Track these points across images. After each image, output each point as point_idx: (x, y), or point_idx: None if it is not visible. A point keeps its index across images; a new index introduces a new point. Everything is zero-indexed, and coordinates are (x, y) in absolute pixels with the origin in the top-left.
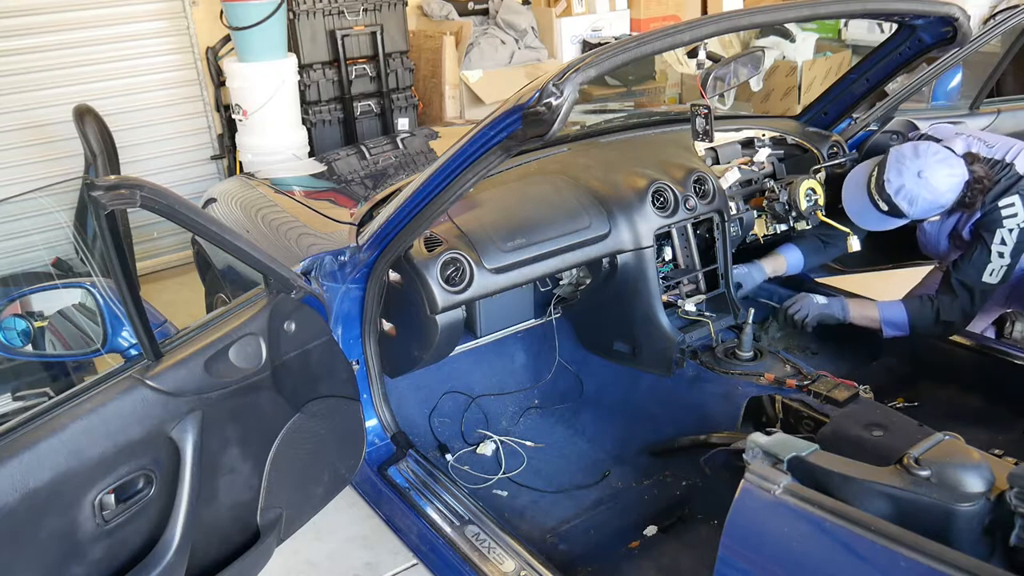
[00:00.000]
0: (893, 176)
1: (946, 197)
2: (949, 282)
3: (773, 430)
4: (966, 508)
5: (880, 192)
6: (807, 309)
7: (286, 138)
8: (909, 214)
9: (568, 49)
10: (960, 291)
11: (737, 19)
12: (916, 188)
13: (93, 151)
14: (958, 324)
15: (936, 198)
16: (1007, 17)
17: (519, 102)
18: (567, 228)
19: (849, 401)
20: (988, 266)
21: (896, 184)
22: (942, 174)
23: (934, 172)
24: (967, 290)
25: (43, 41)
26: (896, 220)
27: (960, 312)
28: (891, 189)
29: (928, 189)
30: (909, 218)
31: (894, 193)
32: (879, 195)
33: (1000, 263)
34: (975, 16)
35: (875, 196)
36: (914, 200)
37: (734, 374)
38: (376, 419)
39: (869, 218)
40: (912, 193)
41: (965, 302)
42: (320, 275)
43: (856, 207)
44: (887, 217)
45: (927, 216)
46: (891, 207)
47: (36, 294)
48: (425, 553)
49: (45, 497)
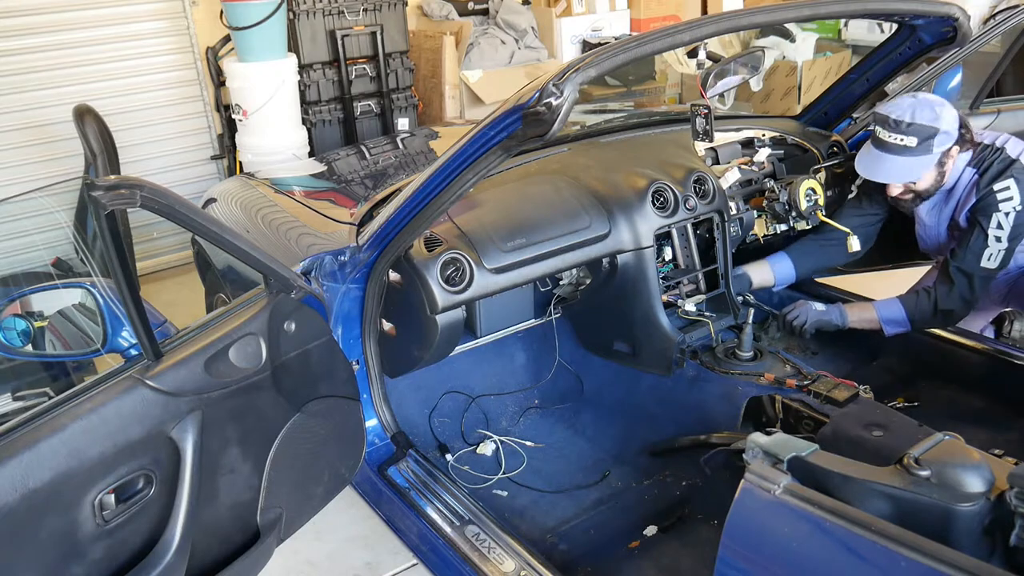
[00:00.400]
0: (898, 111)
1: (952, 108)
2: (947, 271)
3: (773, 430)
4: (966, 508)
5: (898, 128)
6: (805, 316)
7: (286, 138)
8: (941, 127)
9: (568, 49)
10: (958, 277)
11: (737, 19)
12: (924, 103)
13: (93, 151)
14: (958, 311)
15: (947, 106)
16: (1007, 17)
17: (519, 102)
18: (567, 228)
19: (849, 401)
20: (986, 251)
21: (908, 111)
22: (928, 94)
23: (921, 93)
24: (965, 276)
25: (43, 41)
26: (928, 156)
27: (959, 299)
28: (907, 117)
29: (935, 101)
30: (939, 137)
31: (912, 116)
32: (900, 134)
33: (998, 247)
34: (975, 16)
35: (897, 140)
36: (933, 111)
37: (734, 374)
38: (376, 419)
39: (905, 170)
40: (926, 107)
41: (964, 289)
42: (320, 275)
43: (890, 168)
44: (918, 156)
45: (953, 130)
46: (918, 133)
47: (36, 294)
48: (425, 553)
49: (45, 497)
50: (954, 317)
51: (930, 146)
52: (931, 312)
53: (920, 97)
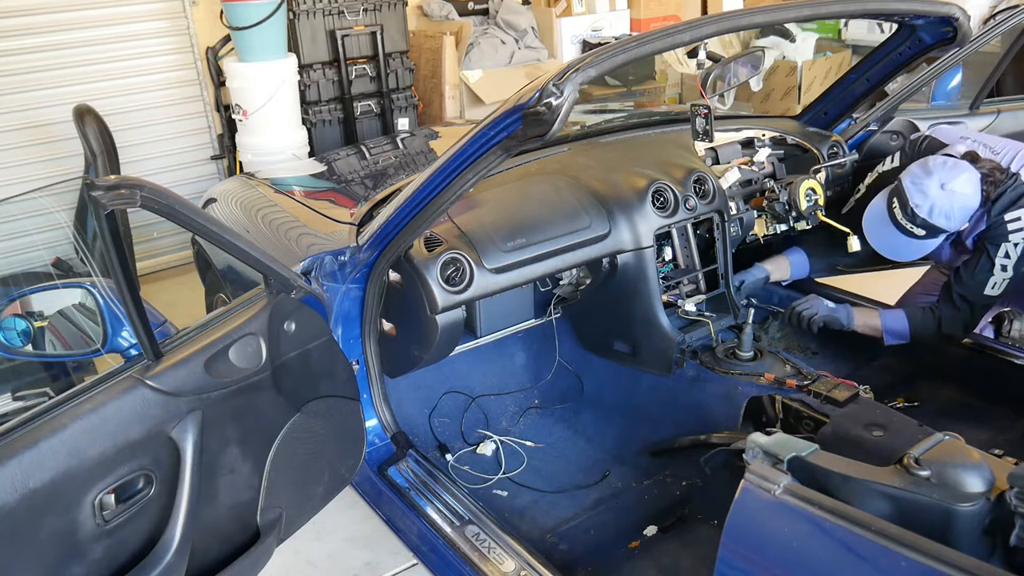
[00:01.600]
0: (919, 199)
1: (974, 198)
2: (951, 294)
3: (773, 430)
4: (966, 508)
5: (913, 220)
6: (815, 308)
7: (286, 138)
8: (950, 228)
9: (568, 49)
10: (962, 304)
11: (737, 19)
12: (947, 200)
13: (93, 151)
14: (958, 336)
15: (967, 202)
16: (1007, 17)
17: (519, 102)
18: (567, 228)
19: (849, 401)
20: (991, 279)
21: (926, 205)
22: (962, 179)
23: (954, 180)
24: (968, 303)
25: (43, 41)
26: (934, 240)
27: (961, 326)
28: (923, 212)
29: (957, 197)
30: (949, 232)
31: (928, 214)
32: (912, 223)
33: (1002, 276)
34: (975, 16)
35: (908, 226)
36: (950, 212)
37: (734, 374)
38: (376, 419)
39: (908, 250)
40: (945, 207)
41: (966, 315)
42: (320, 275)
43: (891, 245)
44: (926, 240)
45: (964, 223)
46: (928, 228)
47: (36, 294)
48: (425, 553)
49: (45, 497)
50: (953, 340)
51: (937, 236)
52: (934, 332)
53: (947, 190)
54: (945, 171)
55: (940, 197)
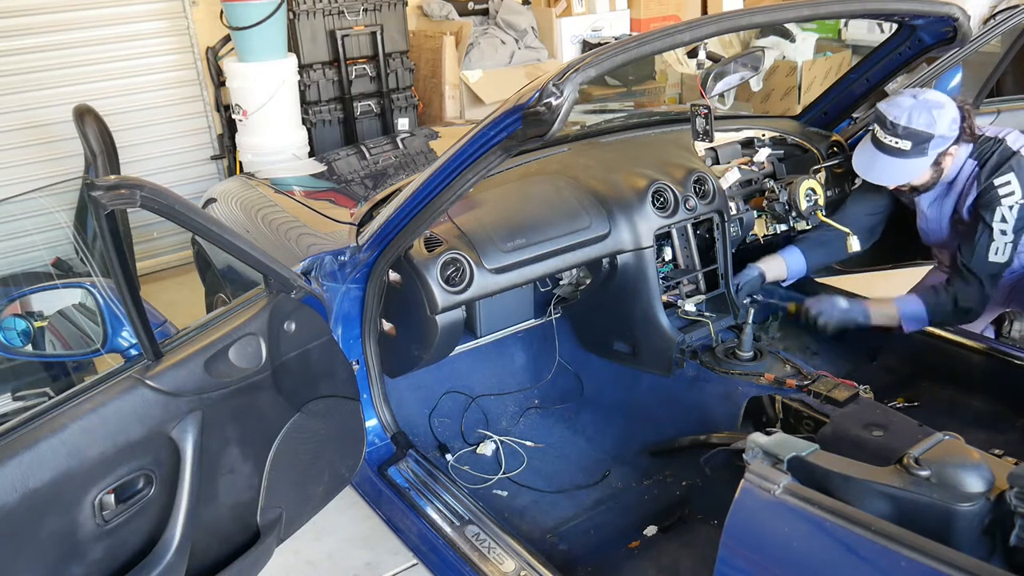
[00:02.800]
0: (896, 112)
1: (952, 108)
2: (959, 268)
3: (773, 430)
4: (966, 508)
5: (894, 132)
6: (830, 314)
7: (286, 138)
8: (935, 132)
9: (568, 49)
10: (969, 276)
11: (737, 19)
12: (922, 107)
13: (93, 151)
14: (976, 308)
15: (947, 109)
16: (1007, 17)
17: (519, 102)
18: (567, 228)
19: (849, 401)
20: (992, 245)
21: (904, 115)
22: (933, 92)
23: (925, 92)
24: (976, 274)
25: (43, 41)
26: (923, 159)
27: (977, 297)
28: (903, 121)
29: (932, 103)
30: (935, 140)
31: (908, 121)
32: (895, 136)
33: (1004, 240)
34: (975, 16)
35: (893, 142)
36: (929, 118)
37: (734, 374)
38: (376, 419)
39: (899, 171)
40: (923, 112)
41: (977, 286)
42: (320, 275)
43: (882, 170)
44: (916, 159)
45: (950, 134)
46: (913, 137)
47: (36, 294)
48: (425, 553)
49: (45, 497)
50: (972, 314)
51: (924, 150)
52: (951, 309)
53: (920, 98)
54: (914, 90)
55: (915, 105)
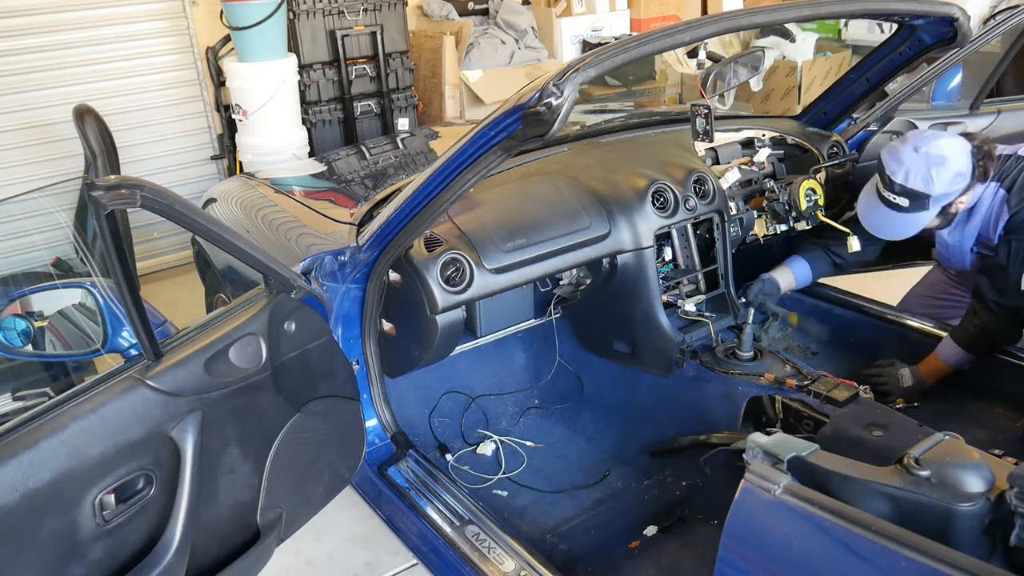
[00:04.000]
0: (894, 166)
1: (958, 161)
2: (986, 304)
3: (773, 430)
4: (966, 508)
5: (891, 188)
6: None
7: (286, 138)
8: (933, 193)
9: (568, 49)
10: (1001, 311)
11: (737, 19)
12: (921, 163)
13: (93, 151)
14: (1014, 340)
15: (949, 165)
16: (1007, 17)
17: (519, 102)
18: (567, 228)
19: (849, 401)
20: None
21: (901, 171)
22: (939, 143)
23: (929, 144)
24: (1007, 308)
25: (43, 41)
26: (925, 213)
27: (1012, 329)
28: (899, 178)
29: (933, 159)
30: (935, 198)
31: (904, 179)
32: (892, 193)
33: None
34: (975, 16)
35: (891, 198)
36: (927, 176)
37: (734, 374)
38: (376, 419)
39: (899, 226)
40: (921, 170)
41: (1008, 317)
42: (320, 275)
43: (883, 224)
44: (915, 213)
45: (953, 190)
46: (911, 196)
47: (36, 294)
48: (425, 553)
49: (45, 497)
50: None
51: (924, 205)
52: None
53: (921, 152)
54: (921, 138)
55: (914, 160)
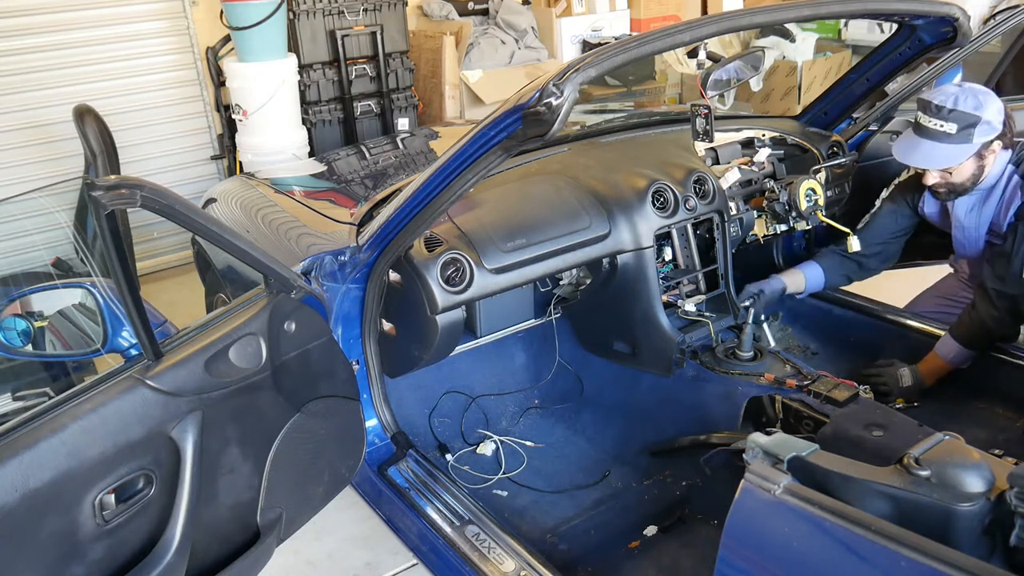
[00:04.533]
0: (941, 97)
1: (997, 105)
2: (987, 295)
3: (773, 430)
4: (966, 508)
5: (939, 113)
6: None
7: (286, 138)
8: (983, 116)
9: (568, 49)
10: (1000, 301)
11: (737, 19)
12: (968, 93)
13: (93, 151)
14: (1011, 332)
15: (992, 98)
16: (1007, 17)
17: (519, 102)
18: (567, 228)
19: (849, 401)
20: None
21: (950, 99)
22: (977, 86)
23: (971, 85)
24: (1008, 297)
25: (43, 41)
26: (967, 146)
27: (1009, 321)
28: (950, 103)
29: (978, 90)
30: (980, 127)
31: (955, 103)
32: (939, 119)
33: None
34: (975, 16)
35: (938, 125)
36: (976, 102)
37: (734, 374)
38: (376, 419)
39: (942, 155)
40: (969, 97)
41: (1007, 308)
42: (320, 275)
43: (928, 155)
44: (957, 144)
45: (997, 123)
46: (960, 120)
47: (36, 294)
48: (425, 553)
49: (45, 497)
50: (1009, 340)
51: (970, 135)
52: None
53: (966, 86)
54: (960, 82)
55: (961, 91)
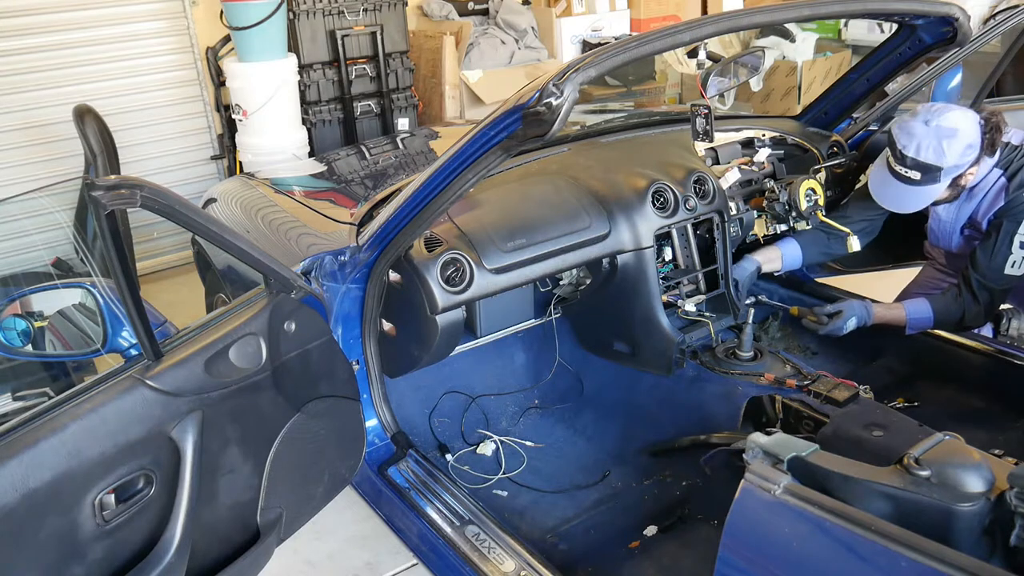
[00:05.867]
0: (905, 140)
1: (968, 133)
2: (969, 283)
3: (773, 430)
4: (966, 508)
5: (903, 162)
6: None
7: (286, 138)
8: (945, 165)
9: (568, 49)
10: (981, 292)
11: (737, 19)
12: (933, 136)
13: (93, 151)
14: (983, 321)
15: (960, 137)
16: (1007, 17)
17: (519, 102)
18: (567, 228)
19: (849, 401)
20: (1010, 258)
21: (912, 144)
22: (950, 116)
23: (940, 117)
24: (988, 290)
25: (43, 41)
26: (936, 185)
27: (984, 314)
28: (911, 151)
29: (945, 132)
30: (947, 171)
31: (916, 152)
32: (904, 166)
33: (1021, 254)
34: (975, 16)
35: (902, 171)
36: (939, 148)
37: (734, 374)
38: (376, 419)
39: (910, 199)
40: (932, 143)
41: (987, 303)
42: (320, 275)
43: (894, 197)
44: (926, 186)
45: (963, 162)
46: (923, 169)
47: (36, 294)
48: (425, 553)
49: (45, 497)
50: (977, 325)
51: (936, 178)
52: (957, 321)
53: (932, 125)
54: (931, 111)
55: (925, 134)
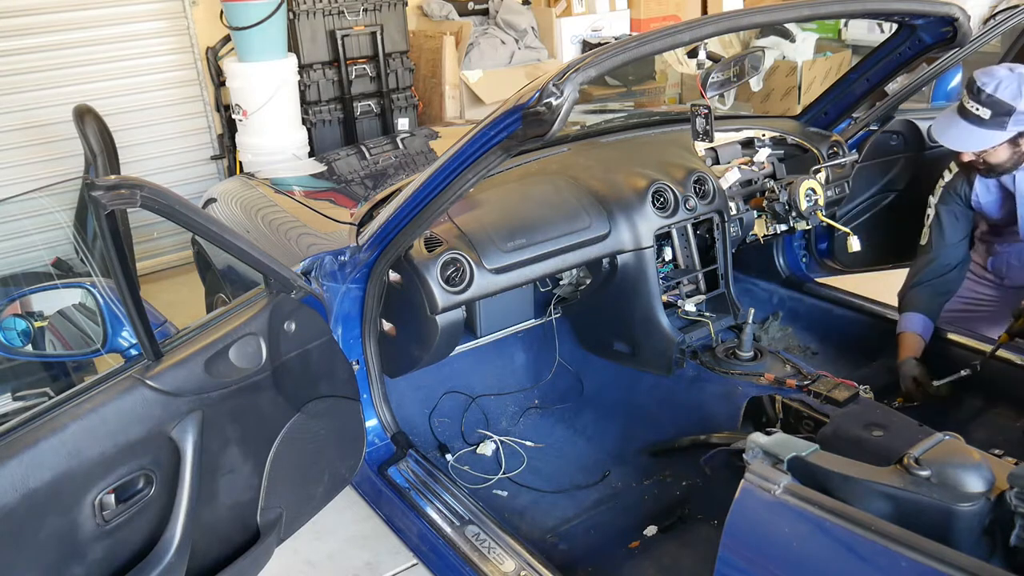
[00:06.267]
0: (986, 79)
1: None
2: None
3: (773, 430)
4: (966, 508)
5: (977, 98)
6: None
7: (286, 138)
8: (1019, 105)
9: (568, 49)
10: None
11: (737, 19)
12: (1016, 79)
13: (93, 151)
14: None
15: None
16: (1007, 17)
17: (519, 102)
18: (567, 228)
19: (849, 401)
20: None
21: (993, 83)
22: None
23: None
24: None
25: (43, 41)
26: (1000, 132)
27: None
28: (990, 88)
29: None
30: (1016, 116)
31: (994, 90)
32: (977, 102)
33: None
34: (975, 16)
35: (973, 108)
36: (1018, 89)
37: (734, 374)
38: (376, 419)
39: (973, 139)
40: (1014, 84)
41: None
42: (320, 275)
43: (956, 134)
44: (990, 130)
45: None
46: (995, 107)
47: (36, 294)
48: (425, 553)
49: (45, 497)
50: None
51: (1003, 123)
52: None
53: (1016, 72)
54: (1016, 64)
55: (1008, 76)
